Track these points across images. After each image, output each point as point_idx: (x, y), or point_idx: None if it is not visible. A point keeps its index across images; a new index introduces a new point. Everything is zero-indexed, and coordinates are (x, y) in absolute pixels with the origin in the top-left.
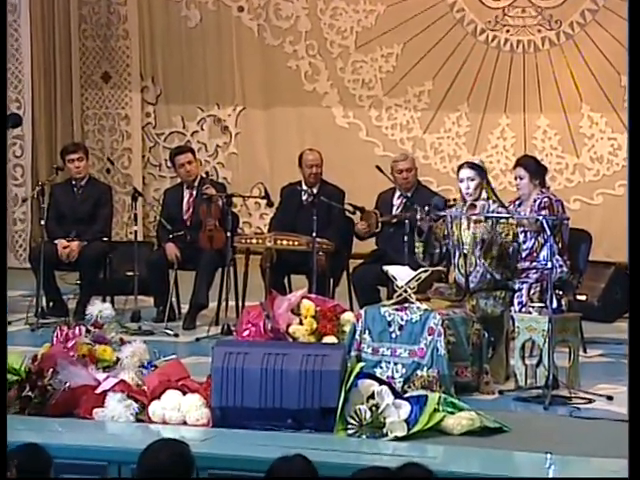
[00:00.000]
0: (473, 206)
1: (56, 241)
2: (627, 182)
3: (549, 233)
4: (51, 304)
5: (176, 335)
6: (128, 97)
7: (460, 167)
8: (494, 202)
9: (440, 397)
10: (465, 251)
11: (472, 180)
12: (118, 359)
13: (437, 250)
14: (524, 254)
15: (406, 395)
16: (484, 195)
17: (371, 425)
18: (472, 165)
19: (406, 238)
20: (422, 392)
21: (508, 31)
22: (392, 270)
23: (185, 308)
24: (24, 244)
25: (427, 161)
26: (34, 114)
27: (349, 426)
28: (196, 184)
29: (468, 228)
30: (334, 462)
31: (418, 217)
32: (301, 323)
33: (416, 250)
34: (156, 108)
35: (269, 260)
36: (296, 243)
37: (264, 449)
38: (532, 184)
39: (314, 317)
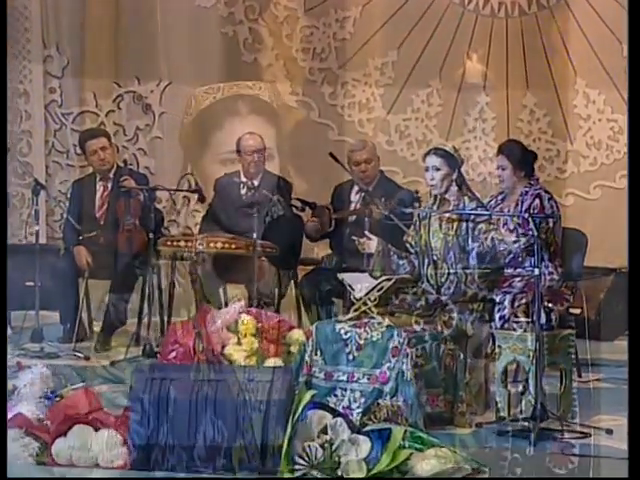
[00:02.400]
0: (445, 202)
1: None
2: (627, 172)
3: (536, 234)
4: None
5: (87, 358)
6: (27, 69)
7: (426, 154)
8: (470, 200)
9: (406, 431)
10: (435, 257)
11: (437, 170)
12: (14, 388)
13: (402, 261)
14: (507, 259)
15: (366, 429)
16: (453, 189)
17: (323, 465)
18: (440, 152)
19: None
20: (385, 425)
21: None
22: (349, 278)
23: (98, 325)
24: None
25: (391, 147)
26: None
27: (297, 467)
28: (112, 175)
29: (440, 229)
30: None
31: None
32: (239, 343)
33: (372, 272)
34: (62, 82)
35: (200, 267)
36: (233, 246)
37: None
38: (516, 177)
39: (254, 335)
